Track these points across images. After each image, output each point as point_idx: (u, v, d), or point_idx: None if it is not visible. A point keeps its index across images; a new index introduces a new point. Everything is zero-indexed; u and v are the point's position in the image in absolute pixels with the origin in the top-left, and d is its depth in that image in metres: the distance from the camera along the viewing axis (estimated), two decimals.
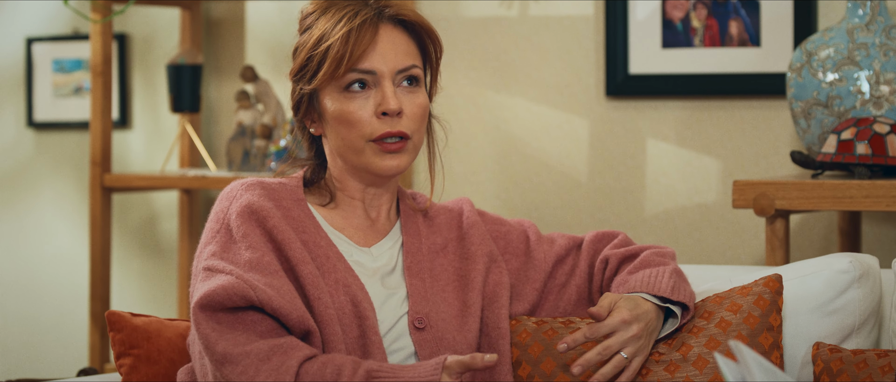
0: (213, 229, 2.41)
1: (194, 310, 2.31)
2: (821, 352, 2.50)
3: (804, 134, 3.25)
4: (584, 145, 3.82)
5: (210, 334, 2.28)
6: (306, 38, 2.44)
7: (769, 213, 3.08)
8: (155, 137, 4.41)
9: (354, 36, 2.39)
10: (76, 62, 4.49)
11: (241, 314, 2.30)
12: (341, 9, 2.42)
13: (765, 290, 2.51)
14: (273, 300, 2.30)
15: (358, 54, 2.39)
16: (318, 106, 2.45)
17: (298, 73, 2.44)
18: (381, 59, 2.40)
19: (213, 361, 2.28)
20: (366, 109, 2.40)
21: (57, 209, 4.56)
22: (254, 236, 2.37)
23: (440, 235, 2.55)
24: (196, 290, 2.34)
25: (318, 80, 2.41)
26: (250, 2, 4.23)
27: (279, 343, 2.27)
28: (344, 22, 2.40)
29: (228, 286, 2.29)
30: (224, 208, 2.42)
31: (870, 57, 3.18)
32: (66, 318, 4.54)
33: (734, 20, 3.64)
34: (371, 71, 2.40)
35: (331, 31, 2.40)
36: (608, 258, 2.58)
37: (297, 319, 2.31)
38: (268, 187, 2.45)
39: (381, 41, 2.41)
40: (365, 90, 2.41)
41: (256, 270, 2.33)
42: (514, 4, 3.87)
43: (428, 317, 2.43)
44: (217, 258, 2.36)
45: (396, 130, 2.41)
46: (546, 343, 2.50)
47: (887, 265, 2.92)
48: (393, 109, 2.39)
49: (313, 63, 2.41)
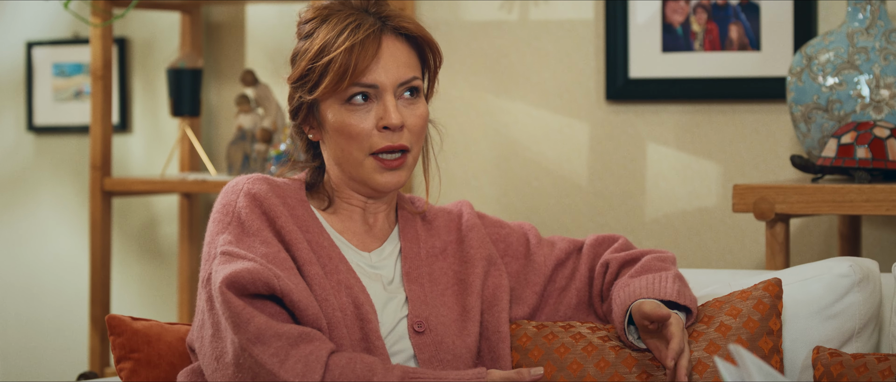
0: (223, 220, 2.40)
1: (221, 288, 2.29)
2: (821, 356, 2.50)
3: (804, 138, 3.25)
4: (584, 149, 3.82)
5: (242, 311, 2.27)
6: (307, 45, 2.43)
7: (769, 217, 3.08)
8: (155, 142, 4.41)
9: (358, 50, 2.38)
10: (76, 66, 4.49)
11: (260, 302, 2.30)
12: (343, 18, 2.41)
13: (764, 294, 2.51)
14: (293, 292, 2.30)
15: (361, 69, 2.38)
16: (318, 115, 2.44)
17: (298, 81, 2.44)
18: (383, 72, 2.40)
19: (246, 338, 2.26)
20: (367, 121, 2.40)
21: (57, 213, 4.56)
22: (265, 233, 2.37)
23: (439, 238, 2.55)
24: (217, 271, 2.33)
25: (319, 91, 2.40)
26: (250, 6, 4.23)
27: (306, 331, 2.28)
28: (347, 34, 2.38)
29: (253, 270, 2.29)
30: (232, 201, 2.41)
31: (870, 61, 3.18)
32: (67, 322, 4.54)
33: (734, 24, 3.64)
34: (373, 85, 2.40)
35: (333, 43, 2.39)
36: (609, 263, 2.58)
37: (313, 315, 2.31)
38: (273, 184, 2.45)
39: (384, 54, 2.40)
40: (366, 103, 2.40)
41: (274, 264, 2.33)
42: (515, 8, 3.87)
43: (427, 321, 2.43)
44: (234, 246, 2.35)
45: (397, 144, 2.40)
46: (546, 347, 2.50)
47: (887, 268, 2.92)
48: (395, 124, 2.39)
49: (314, 74, 2.40)
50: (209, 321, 2.32)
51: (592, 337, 2.51)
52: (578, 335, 2.51)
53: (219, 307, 2.30)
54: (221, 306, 2.30)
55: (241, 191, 2.42)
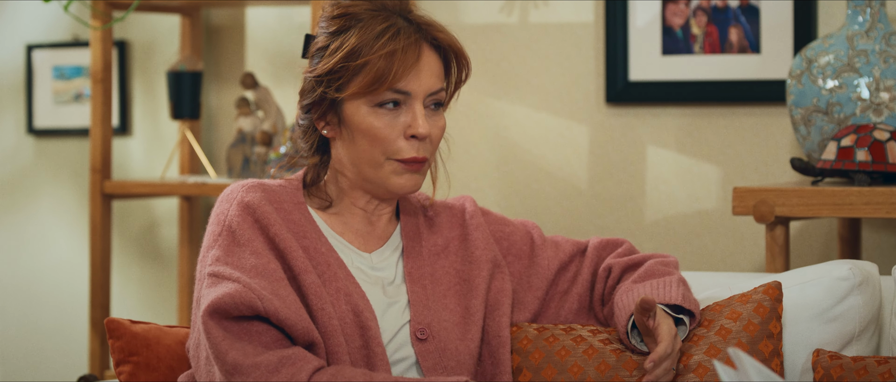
0: (214, 232, 2.39)
1: (203, 318, 2.29)
2: (821, 359, 2.50)
3: (804, 141, 3.25)
4: (585, 151, 3.82)
5: (220, 343, 2.27)
6: (338, 42, 2.40)
7: (769, 220, 3.08)
8: (155, 144, 4.41)
9: (400, 56, 2.37)
10: (76, 69, 4.49)
11: (246, 323, 2.29)
12: (382, 21, 2.39)
13: (764, 297, 2.51)
14: (279, 310, 2.28)
15: (400, 76, 2.38)
16: (340, 112, 2.42)
17: (325, 76, 2.41)
18: (417, 81, 2.40)
19: (224, 371, 2.27)
20: (394, 127, 2.39)
21: (57, 216, 4.56)
22: (257, 242, 2.36)
23: (441, 235, 2.54)
24: (203, 297, 2.32)
25: (349, 90, 2.39)
26: (250, 9, 4.23)
27: (288, 354, 2.26)
28: (387, 39, 2.37)
29: (235, 294, 2.28)
30: (224, 211, 2.40)
31: (870, 64, 3.18)
32: (66, 325, 4.54)
33: (734, 27, 3.64)
34: (407, 92, 2.39)
35: (372, 46, 2.37)
36: (611, 267, 2.58)
37: (302, 330, 2.30)
38: (268, 190, 2.43)
39: (422, 64, 2.40)
40: (396, 109, 2.40)
41: (262, 276, 2.32)
42: (515, 11, 3.87)
43: (430, 327, 2.42)
44: (222, 264, 2.34)
45: (421, 156, 2.41)
46: (547, 349, 2.50)
47: (887, 271, 2.92)
48: (422, 134, 2.39)
49: (347, 73, 2.38)
50: (202, 343, 2.33)
51: (593, 340, 2.51)
52: (579, 337, 2.51)
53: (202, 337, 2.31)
54: (204, 336, 2.30)
55: (235, 200, 2.40)
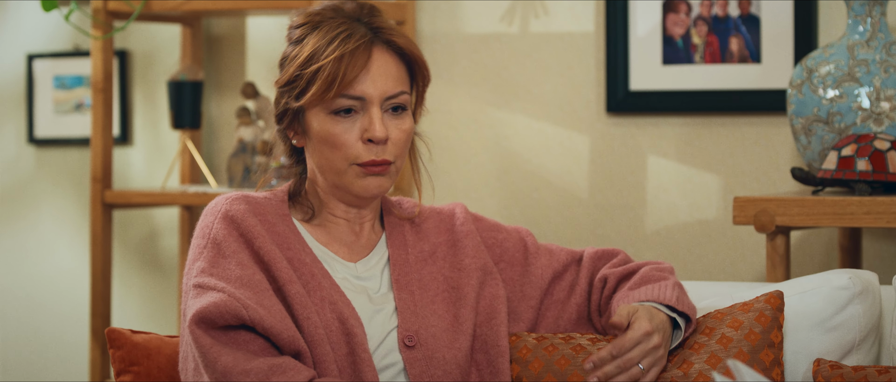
0: (199, 245, 2.39)
1: (190, 327, 2.29)
2: (822, 369, 2.50)
3: (805, 150, 3.25)
4: (585, 161, 3.82)
5: (210, 350, 2.27)
6: (296, 51, 2.42)
7: (770, 229, 3.08)
8: (156, 154, 4.42)
9: (348, 60, 2.36)
10: (77, 79, 4.49)
11: (233, 333, 2.29)
12: (335, 26, 2.40)
13: (766, 306, 2.51)
14: (264, 319, 2.28)
15: (350, 79, 2.37)
16: (303, 122, 2.43)
17: (285, 86, 2.42)
18: (371, 84, 2.39)
19: (214, 378, 2.26)
20: (351, 132, 2.39)
21: (57, 226, 4.56)
22: (242, 254, 2.36)
23: (428, 241, 2.53)
24: (188, 307, 2.33)
25: (305, 99, 2.39)
26: (251, 18, 4.24)
27: (278, 362, 2.26)
28: (338, 43, 2.37)
29: (221, 303, 2.27)
30: (209, 224, 2.40)
31: (870, 73, 3.18)
32: (67, 334, 4.54)
33: (735, 37, 3.64)
34: (360, 97, 2.38)
35: (323, 51, 2.38)
36: (607, 277, 2.57)
37: (288, 339, 2.29)
38: (252, 202, 2.43)
39: (373, 66, 2.39)
40: (352, 114, 2.39)
41: (247, 286, 2.31)
42: (515, 21, 3.87)
43: (418, 334, 2.41)
44: (206, 275, 2.33)
45: (381, 158, 2.39)
46: (547, 359, 2.50)
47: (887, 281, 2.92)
48: (379, 138, 2.38)
49: (302, 81, 2.39)
50: (190, 355, 2.33)
51: (593, 349, 2.50)
52: (578, 346, 2.51)
53: (191, 346, 2.30)
54: (192, 345, 2.29)
55: (219, 213, 2.40)
